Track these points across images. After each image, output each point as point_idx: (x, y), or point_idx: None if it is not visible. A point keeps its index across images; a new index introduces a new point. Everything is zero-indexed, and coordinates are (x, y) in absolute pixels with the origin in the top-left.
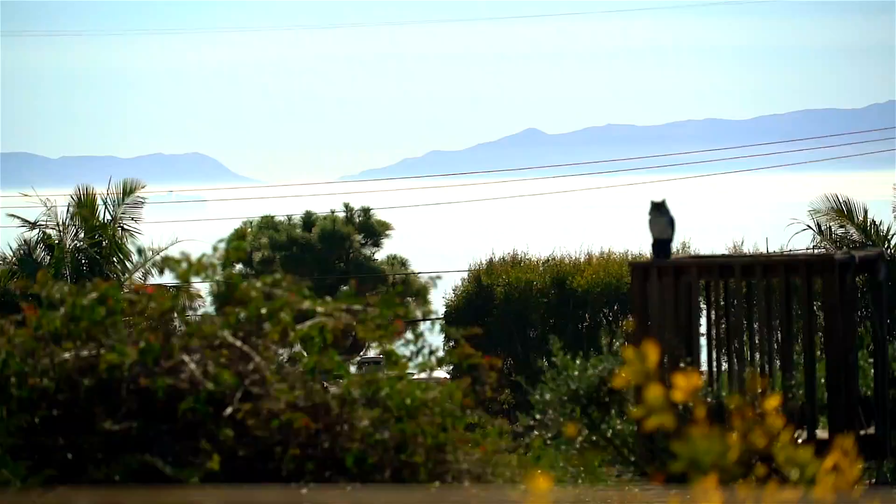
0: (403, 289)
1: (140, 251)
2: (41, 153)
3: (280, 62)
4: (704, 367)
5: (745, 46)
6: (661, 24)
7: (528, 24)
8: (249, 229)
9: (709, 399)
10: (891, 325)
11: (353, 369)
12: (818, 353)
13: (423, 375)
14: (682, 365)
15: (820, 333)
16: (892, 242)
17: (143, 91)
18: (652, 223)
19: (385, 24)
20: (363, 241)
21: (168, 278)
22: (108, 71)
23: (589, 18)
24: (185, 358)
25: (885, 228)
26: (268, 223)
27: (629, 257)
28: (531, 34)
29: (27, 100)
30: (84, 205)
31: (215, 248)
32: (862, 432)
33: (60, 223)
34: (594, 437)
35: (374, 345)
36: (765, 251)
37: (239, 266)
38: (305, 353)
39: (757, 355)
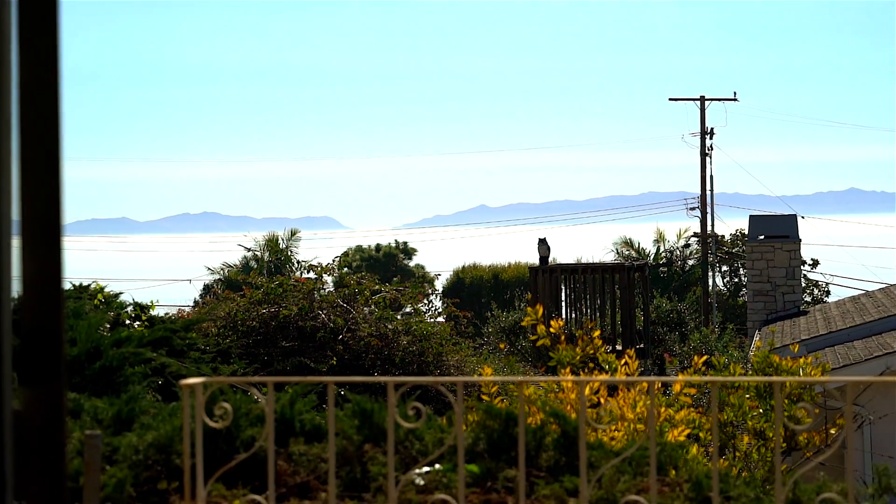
0: (422, 280)
1: (298, 262)
2: (251, 215)
3: (365, 173)
4: (564, 316)
5: (589, 164)
6: (548, 153)
7: (483, 156)
8: (350, 252)
9: (566, 331)
10: (651, 297)
11: (399, 317)
12: (617, 309)
13: (432, 320)
14: (553, 315)
15: (617, 300)
16: (650, 258)
17: (297, 177)
18: (539, 248)
19: (430, 154)
20: (404, 257)
21: (311, 275)
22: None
23: (509, 153)
24: (320, 312)
25: (648, 251)
26: (358, 249)
27: (528, 264)
28: (482, 160)
29: (247, 180)
30: (272, 240)
31: (334, 261)
32: (637, 347)
33: (261, 248)
34: (513, 349)
35: (408, 305)
36: (592, 261)
37: (345, 269)
38: (377, 310)
39: (588, 310)
